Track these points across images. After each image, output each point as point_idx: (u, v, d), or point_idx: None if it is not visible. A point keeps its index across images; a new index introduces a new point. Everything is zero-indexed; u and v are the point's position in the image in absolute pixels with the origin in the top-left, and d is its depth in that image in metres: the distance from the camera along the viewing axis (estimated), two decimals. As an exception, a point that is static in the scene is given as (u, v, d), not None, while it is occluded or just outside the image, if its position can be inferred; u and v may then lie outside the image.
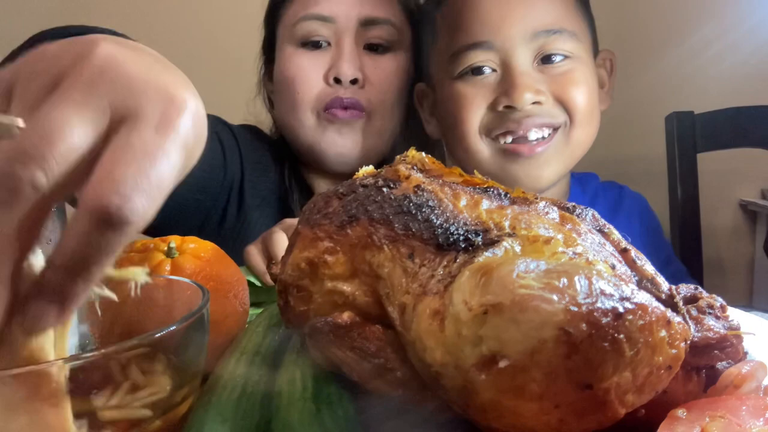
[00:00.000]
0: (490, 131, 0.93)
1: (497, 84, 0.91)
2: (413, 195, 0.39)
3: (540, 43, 0.90)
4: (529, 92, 0.88)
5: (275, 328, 0.49)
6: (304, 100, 1.00)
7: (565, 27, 0.91)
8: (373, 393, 0.37)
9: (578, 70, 0.92)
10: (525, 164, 0.92)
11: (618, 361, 0.28)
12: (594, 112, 0.95)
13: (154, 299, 0.44)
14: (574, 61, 0.92)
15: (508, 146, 0.91)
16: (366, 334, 0.38)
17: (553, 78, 0.91)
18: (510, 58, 0.90)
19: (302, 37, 1.01)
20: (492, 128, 0.92)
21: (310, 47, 1.01)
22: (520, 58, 0.90)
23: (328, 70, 0.99)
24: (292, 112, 1.02)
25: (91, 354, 0.32)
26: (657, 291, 0.36)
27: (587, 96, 0.92)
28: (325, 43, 1.01)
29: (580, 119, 0.91)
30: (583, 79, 0.92)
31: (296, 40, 1.01)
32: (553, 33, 0.90)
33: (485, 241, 0.35)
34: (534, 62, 0.91)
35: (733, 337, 0.34)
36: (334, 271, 0.40)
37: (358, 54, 1.00)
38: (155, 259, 0.49)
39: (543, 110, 0.90)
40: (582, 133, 0.93)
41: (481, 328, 0.29)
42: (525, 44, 0.90)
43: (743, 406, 0.31)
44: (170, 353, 0.36)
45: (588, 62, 0.95)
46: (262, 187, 1.04)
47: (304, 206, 0.46)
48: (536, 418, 0.29)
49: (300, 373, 0.41)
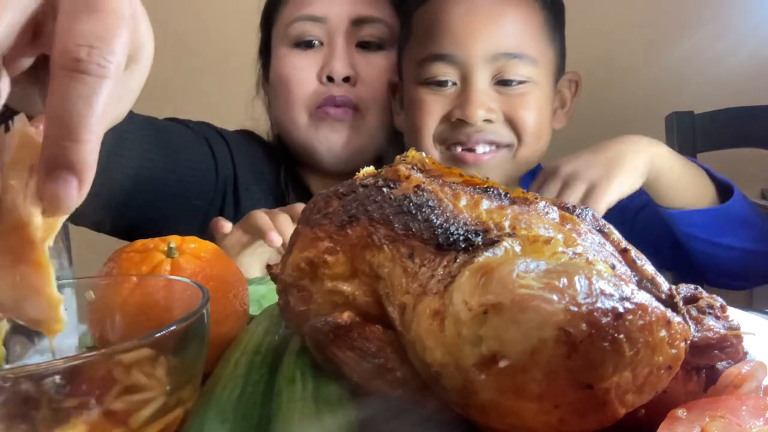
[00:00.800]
0: (443, 140, 0.98)
1: (455, 97, 0.96)
2: (413, 195, 0.39)
3: (499, 65, 0.94)
4: (482, 110, 0.93)
5: (275, 328, 0.49)
6: (298, 98, 1.02)
7: (526, 52, 0.95)
8: (373, 393, 0.37)
9: (532, 95, 0.96)
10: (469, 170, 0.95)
11: (618, 361, 0.28)
12: (542, 134, 1.00)
13: (154, 299, 0.44)
14: (530, 86, 0.96)
15: (456, 154, 0.97)
16: (366, 334, 0.38)
17: (507, 99, 0.95)
18: (470, 75, 0.94)
19: (295, 38, 1.02)
20: (445, 137, 0.98)
21: (303, 47, 1.03)
22: (479, 76, 0.94)
23: (321, 69, 1.01)
24: (286, 112, 1.04)
25: (91, 354, 0.32)
26: (657, 291, 0.36)
27: (536, 119, 0.97)
28: (317, 42, 1.02)
29: (527, 141, 0.97)
30: (535, 104, 0.97)
31: (290, 41, 1.03)
32: (513, 57, 0.94)
33: (485, 241, 0.35)
34: (492, 82, 0.95)
35: (733, 337, 0.34)
36: (334, 271, 0.40)
37: (350, 52, 1.02)
38: (155, 259, 0.49)
39: (493, 128, 0.95)
40: (528, 153, 0.98)
41: (481, 328, 0.29)
42: (485, 64, 0.94)
43: (743, 406, 0.31)
44: (170, 353, 0.36)
45: (545, 86, 0.99)
46: (257, 189, 1.06)
47: (305, 206, 0.46)
48: (536, 418, 0.29)
49: (300, 373, 0.41)
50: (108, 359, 0.34)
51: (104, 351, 0.33)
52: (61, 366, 0.32)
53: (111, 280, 0.46)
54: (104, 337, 0.45)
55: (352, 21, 1.02)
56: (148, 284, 0.45)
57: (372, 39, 1.04)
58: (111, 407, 0.34)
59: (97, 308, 0.45)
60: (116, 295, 0.45)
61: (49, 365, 0.32)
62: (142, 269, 0.48)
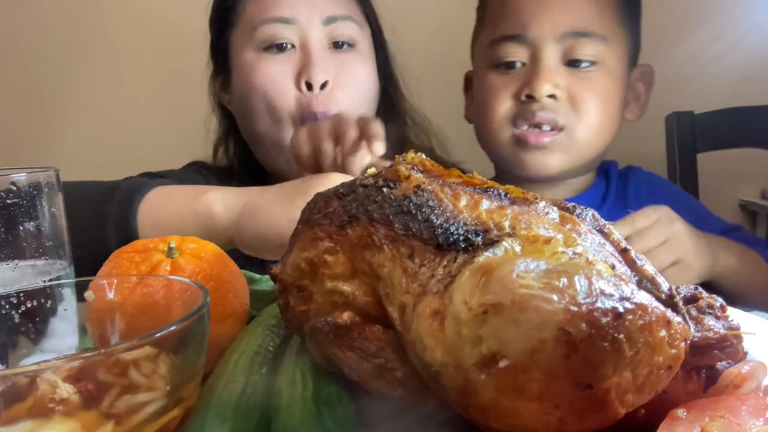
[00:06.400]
0: (510, 118, 1.00)
1: (524, 76, 0.98)
2: (413, 195, 0.39)
3: (569, 44, 0.96)
4: (548, 84, 0.95)
5: (275, 328, 0.49)
6: (281, 110, 0.98)
7: (596, 30, 0.96)
8: (373, 393, 0.37)
9: (600, 78, 0.97)
10: (532, 151, 0.99)
11: (618, 360, 0.28)
12: (605, 122, 0.99)
13: (154, 299, 0.44)
14: (599, 69, 0.97)
15: (519, 133, 0.98)
16: (366, 334, 0.38)
17: (574, 79, 0.96)
18: (539, 53, 0.96)
19: (264, 41, 0.98)
20: (511, 116, 0.99)
21: (274, 51, 0.99)
22: (548, 54, 0.96)
23: (298, 75, 0.98)
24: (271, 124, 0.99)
25: (91, 354, 0.32)
26: (657, 291, 0.36)
27: (600, 103, 0.97)
28: (289, 45, 0.99)
29: (586, 122, 0.97)
30: (602, 87, 0.97)
31: (257, 44, 0.99)
32: (583, 36, 0.95)
33: (485, 241, 0.35)
34: (561, 61, 0.96)
35: (733, 337, 0.34)
36: (334, 271, 0.40)
37: (325, 55, 0.99)
38: (155, 259, 0.49)
39: (556, 106, 0.96)
40: (586, 136, 0.98)
41: (481, 328, 0.29)
42: (554, 42, 0.96)
43: (743, 406, 0.31)
44: (170, 353, 0.36)
45: (614, 71, 0.99)
46: None
47: (304, 206, 0.46)
48: (536, 417, 0.29)
49: (300, 373, 0.41)
50: (108, 359, 0.34)
51: (104, 351, 0.33)
52: (61, 366, 0.32)
53: (111, 280, 0.46)
54: (104, 337, 0.45)
55: (323, 21, 0.99)
56: (148, 284, 0.45)
57: (344, 38, 1.01)
58: (111, 407, 0.34)
59: (97, 308, 0.45)
60: (116, 295, 0.45)
61: (49, 365, 0.32)
62: (142, 269, 0.48)
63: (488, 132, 1.03)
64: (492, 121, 1.00)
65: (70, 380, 0.34)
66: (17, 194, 0.49)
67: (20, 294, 0.42)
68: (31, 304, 0.43)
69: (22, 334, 0.42)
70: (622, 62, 1.00)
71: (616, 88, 1.00)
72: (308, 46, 0.98)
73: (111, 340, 0.45)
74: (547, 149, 0.97)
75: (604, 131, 1.00)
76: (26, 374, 0.33)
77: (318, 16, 0.99)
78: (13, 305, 0.42)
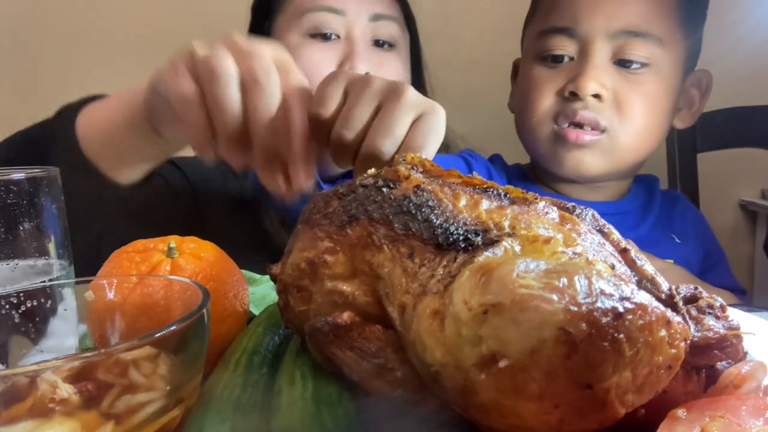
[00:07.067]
0: (552, 115, 0.95)
1: (570, 72, 0.93)
2: (413, 195, 0.39)
3: (620, 43, 0.90)
4: (594, 83, 0.89)
5: (275, 328, 0.49)
6: None
7: (650, 31, 0.90)
8: (373, 393, 0.37)
9: (651, 82, 0.91)
10: (571, 149, 0.94)
11: (618, 360, 0.28)
12: (651, 128, 0.94)
13: (154, 299, 0.44)
14: (651, 71, 0.91)
15: (559, 130, 0.94)
16: (366, 334, 0.38)
17: (623, 81, 0.91)
18: (588, 49, 0.91)
19: (311, 28, 0.99)
20: (553, 112, 0.95)
21: (319, 39, 0.99)
22: (598, 51, 0.91)
23: (341, 64, 0.98)
24: None
25: (91, 354, 0.32)
26: (657, 291, 0.36)
27: (647, 108, 0.92)
28: (334, 35, 0.99)
29: (629, 128, 0.92)
30: (651, 92, 0.92)
31: (304, 31, 0.99)
32: (636, 35, 0.90)
33: (485, 241, 0.35)
34: (611, 60, 0.91)
35: (733, 337, 0.34)
36: (334, 271, 0.40)
37: (368, 50, 1.00)
38: (155, 259, 0.49)
39: (600, 107, 0.91)
40: (628, 142, 0.93)
41: (481, 328, 0.29)
42: (605, 39, 0.91)
43: (743, 406, 0.31)
44: (170, 353, 0.36)
45: (668, 75, 0.93)
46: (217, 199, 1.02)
47: (304, 207, 0.46)
48: (536, 417, 0.29)
49: (300, 373, 0.41)
50: (108, 359, 0.34)
51: (104, 351, 0.33)
52: (61, 366, 0.32)
53: (111, 280, 0.46)
54: (104, 337, 0.45)
55: (370, 17, 1.00)
56: (148, 284, 0.45)
57: (387, 38, 1.02)
58: (111, 407, 0.34)
59: (97, 308, 0.45)
60: (116, 295, 0.45)
61: (49, 365, 0.32)
62: (142, 269, 0.48)
63: (528, 126, 0.99)
64: (533, 116, 0.96)
65: (70, 380, 0.34)
66: (17, 194, 0.49)
67: (20, 294, 0.42)
68: (31, 303, 0.43)
69: (22, 334, 0.42)
70: (677, 66, 0.94)
71: (668, 93, 0.94)
72: (353, 38, 0.99)
73: (111, 340, 0.45)
74: (587, 149, 0.93)
75: (649, 137, 0.95)
76: (26, 374, 0.33)
77: (366, 12, 1.00)
78: (13, 305, 0.42)
